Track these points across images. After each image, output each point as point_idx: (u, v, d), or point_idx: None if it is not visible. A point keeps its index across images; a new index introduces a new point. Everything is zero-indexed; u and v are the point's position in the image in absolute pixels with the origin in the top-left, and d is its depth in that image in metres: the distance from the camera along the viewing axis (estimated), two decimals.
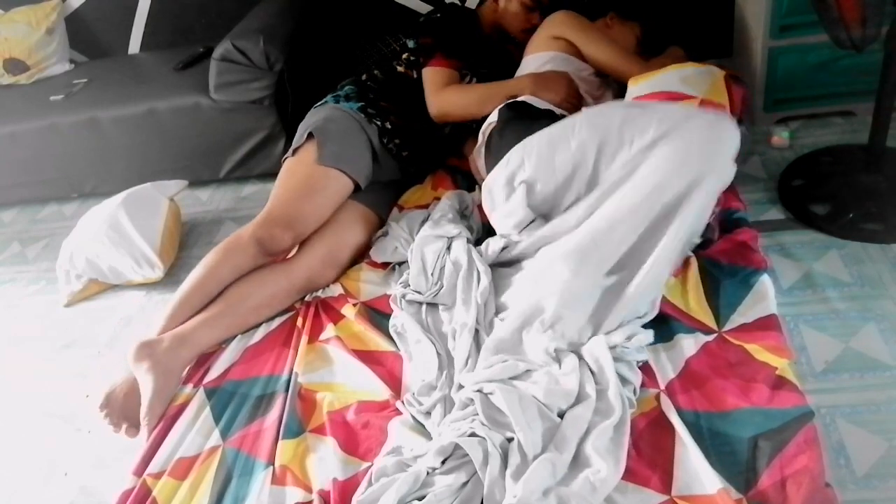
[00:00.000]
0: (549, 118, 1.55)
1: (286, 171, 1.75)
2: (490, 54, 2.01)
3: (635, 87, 1.62)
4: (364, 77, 1.98)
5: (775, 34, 1.91)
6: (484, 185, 1.56)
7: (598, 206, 1.33)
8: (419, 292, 1.50)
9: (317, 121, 1.79)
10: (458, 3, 2.48)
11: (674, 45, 1.95)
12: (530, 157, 1.44)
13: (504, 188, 1.49)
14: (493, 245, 1.53)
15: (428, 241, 1.58)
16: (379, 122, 1.85)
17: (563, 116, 1.54)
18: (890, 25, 1.46)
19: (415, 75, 1.93)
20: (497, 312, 1.42)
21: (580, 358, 1.23)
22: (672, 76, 1.58)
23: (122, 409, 1.41)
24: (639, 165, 1.29)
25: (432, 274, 1.53)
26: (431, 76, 1.87)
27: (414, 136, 1.92)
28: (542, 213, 1.49)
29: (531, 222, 1.48)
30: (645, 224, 1.26)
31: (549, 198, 1.45)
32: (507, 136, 1.55)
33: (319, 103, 1.91)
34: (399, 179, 1.96)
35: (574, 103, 1.74)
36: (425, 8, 2.58)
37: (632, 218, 1.26)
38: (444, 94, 1.84)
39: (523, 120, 1.58)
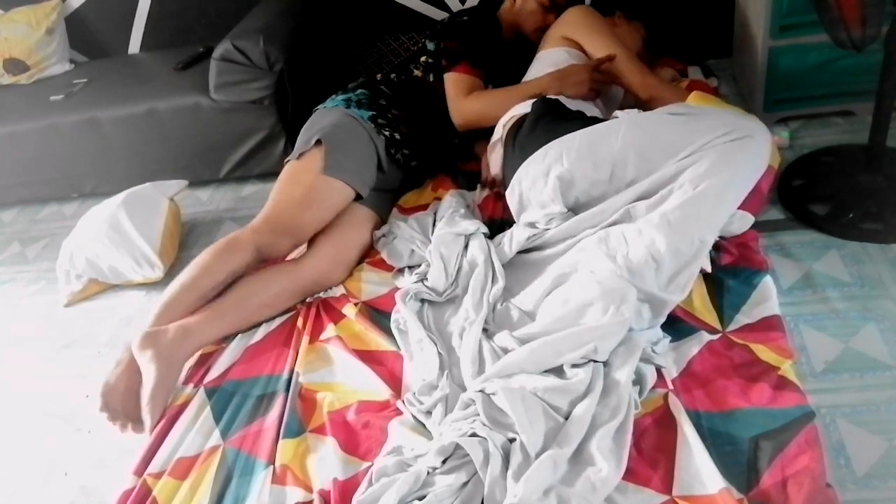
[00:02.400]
0: (581, 119, 1.55)
1: (290, 176, 1.71)
2: (509, 62, 1.97)
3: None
4: (379, 78, 1.94)
5: (775, 34, 1.91)
6: (515, 176, 1.53)
7: (639, 215, 1.35)
8: (436, 291, 1.49)
9: (325, 127, 1.74)
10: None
11: (674, 47, 1.94)
12: (570, 153, 1.43)
13: (537, 181, 1.48)
14: (517, 235, 1.51)
15: (446, 240, 1.56)
16: (388, 133, 1.81)
17: (594, 119, 1.53)
18: (890, 25, 1.46)
19: (431, 79, 1.90)
20: (513, 297, 1.41)
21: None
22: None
23: (123, 407, 1.40)
24: (681, 174, 1.31)
25: (452, 274, 1.51)
26: (455, 83, 1.83)
27: (424, 146, 1.90)
28: (573, 209, 1.49)
29: (561, 215, 1.48)
30: (684, 236, 1.28)
31: (583, 195, 1.45)
32: (539, 130, 1.53)
33: (328, 105, 1.86)
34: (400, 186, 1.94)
35: (593, 95, 1.74)
36: (425, 8, 2.58)
37: (672, 232, 1.28)
38: (468, 103, 1.80)
39: (557, 117, 1.57)
